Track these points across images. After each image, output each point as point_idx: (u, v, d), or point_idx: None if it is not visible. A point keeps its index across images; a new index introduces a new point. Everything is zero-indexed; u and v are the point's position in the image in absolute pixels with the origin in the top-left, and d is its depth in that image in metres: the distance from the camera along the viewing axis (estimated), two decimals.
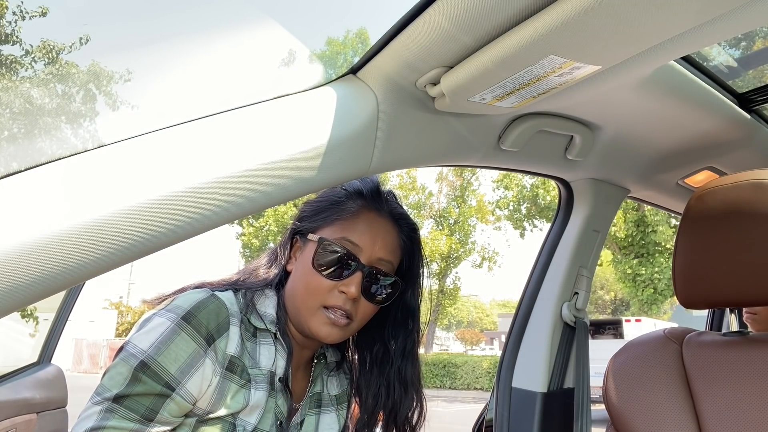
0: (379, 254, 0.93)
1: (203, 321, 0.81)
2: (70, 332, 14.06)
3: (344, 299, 0.89)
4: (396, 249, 0.96)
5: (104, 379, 0.77)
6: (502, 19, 0.68)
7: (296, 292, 0.92)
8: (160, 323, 0.80)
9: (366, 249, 0.91)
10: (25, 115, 9.75)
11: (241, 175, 0.70)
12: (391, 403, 1.00)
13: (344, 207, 0.95)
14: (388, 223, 0.96)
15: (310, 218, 0.97)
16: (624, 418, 1.03)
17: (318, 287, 0.89)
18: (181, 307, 0.81)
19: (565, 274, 1.42)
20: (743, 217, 0.97)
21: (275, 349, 0.90)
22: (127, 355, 0.77)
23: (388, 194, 1.01)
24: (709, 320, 2.24)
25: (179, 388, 0.77)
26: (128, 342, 0.79)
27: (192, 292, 0.85)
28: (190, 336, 0.79)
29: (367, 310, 0.93)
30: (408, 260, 1.01)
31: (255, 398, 0.85)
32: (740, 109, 1.17)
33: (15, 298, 0.56)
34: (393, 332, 1.02)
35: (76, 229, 0.59)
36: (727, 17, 0.68)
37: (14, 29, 10.07)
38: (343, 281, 0.89)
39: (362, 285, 0.90)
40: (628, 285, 15.40)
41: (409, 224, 1.00)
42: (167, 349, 0.77)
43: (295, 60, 12.72)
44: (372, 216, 0.95)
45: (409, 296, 1.01)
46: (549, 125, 1.08)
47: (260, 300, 0.92)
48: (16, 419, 1.82)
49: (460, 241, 19.91)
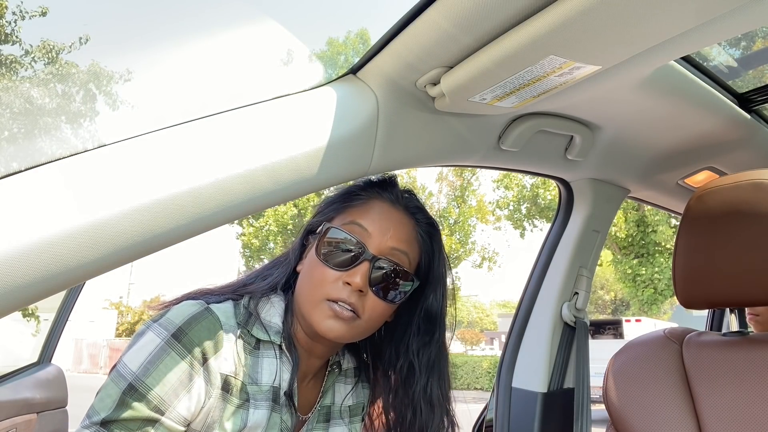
0: (391, 243, 0.84)
1: (194, 339, 0.76)
2: (70, 332, 14.05)
3: (349, 291, 0.81)
4: (412, 241, 0.88)
5: (96, 399, 0.74)
6: (502, 19, 0.68)
7: (301, 288, 0.86)
8: (150, 340, 0.75)
9: (376, 236, 0.84)
10: (25, 115, 9.75)
11: (241, 175, 0.70)
12: (417, 427, 0.91)
13: (356, 195, 0.89)
14: (402, 214, 0.89)
15: (322, 212, 0.92)
16: (624, 418, 1.03)
17: (322, 278, 0.82)
18: (172, 323, 0.76)
19: (565, 274, 1.43)
20: (743, 217, 0.97)
21: (279, 361, 0.84)
22: (117, 375, 0.74)
23: (405, 191, 0.94)
24: (709, 320, 2.24)
25: (169, 411, 0.73)
26: (120, 360, 0.76)
27: (185, 305, 0.80)
28: (180, 355, 0.75)
29: (377, 307, 0.83)
30: (428, 259, 0.91)
31: (254, 418, 0.80)
32: (740, 109, 1.17)
33: (15, 298, 0.56)
34: (417, 344, 0.92)
35: (76, 229, 0.59)
36: (727, 17, 0.68)
37: (14, 29, 10.06)
38: (349, 271, 0.81)
39: (370, 276, 0.82)
40: (628, 285, 15.39)
41: (427, 217, 0.92)
42: (156, 369, 0.73)
43: (295, 60, 12.73)
44: (385, 205, 0.88)
45: (431, 301, 0.92)
46: (549, 125, 1.08)
47: (265, 308, 0.86)
48: (17, 419, 1.82)
49: (460, 241, 19.90)
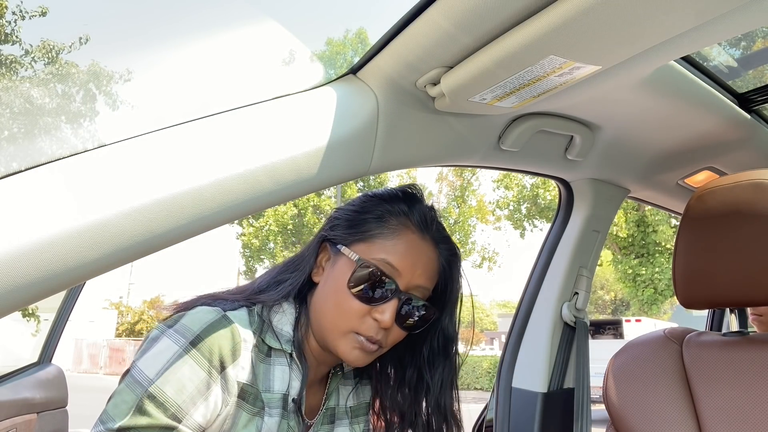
0: (418, 281, 0.86)
1: (213, 347, 0.76)
2: (70, 332, 14.05)
3: (376, 329, 0.83)
4: (434, 276, 0.90)
5: (109, 405, 0.73)
6: (502, 19, 0.68)
7: (325, 311, 0.85)
8: (167, 346, 0.74)
9: (405, 274, 0.84)
10: (25, 115, 9.74)
11: (242, 175, 0.70)
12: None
13: (386, 224, 0.87)
14: (430, 248, 0.89)
15: (344, 228, 0.89)
16: (624, 418, 1.03)
17: (350, 310, 0.83)
18: (190, 330, 0.76)
19: (565, 274, 1.42)
20: (743, 217, 0.97)
21: (290, 369, 0.84)
22: (132, 381, 0.73)
23: (432, 217, 0.93)
24: (709, 320, 2.24)
25: (186, 419, 0.73)
26: (135, 365, 0.75)
27: (202, 312, 0.79)
28: (198, 363, 0.74)
29: (398, 336, 0.87)
30: (444, 284, 0.93)
31: (268, 426, 0.80)
32: (740, 109, 1.17)
33: (15, 298, 0.56)
34: (430, 361, 0.95)
35: (76, 229, 0.59)
36: (727, 17, 0.68)
37: (14, 29, 10.06)
38: (378, 307, 0.83)
39: (397, 313, 0.84)
40: (628, 285, 15.39)
41: (450, 248, 0.93)
42: (174, 377, 0.72)
43: (295, 60, 12.73)
44: (415, 239, 0.87)
45: (446, 323, 0.94)
46: (549, 125, 1.08)
47: (276, 316, 0.86)
48: (17, 419, 1.82)
49: (460, 241, 19.90)
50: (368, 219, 0.88)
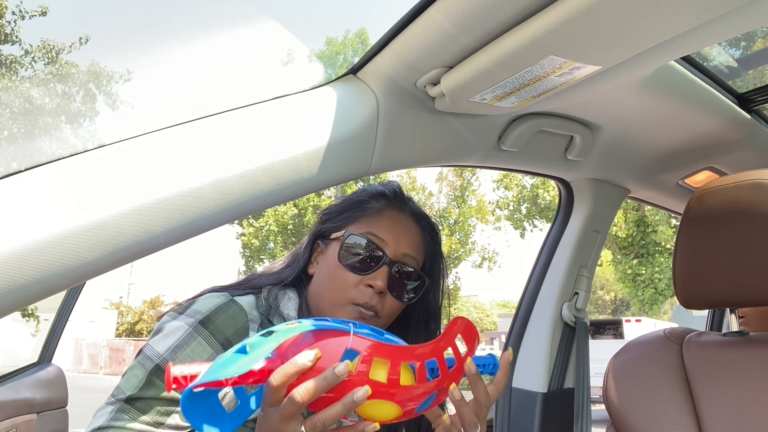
0: (404, 250, 0.92)
1: (221, 326, 0.80)
2: (70, 332, 14.07)
3: (371, 294, 0.87)
4: (419, 247, 0.96)
5: (121, 381, 0.78)
6: (502, 19, 0.68)
7: (321, 289, 0.91)
8: (177, 327, 0.79)
9: (391, 244, 0.91)
10: (25, 115, 9.74)
11: (242, 175, 0.70)
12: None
13: (368, 205, 0.95)
14: (410, 221, 0.96)
15: (332, 220, 0.96)
16: (624, 418, 1.03)
17: (344, 282, 0.88)
18: (199, 312, 0.81)
19: (565, 274, 1.42)
20: (743, 217, 0.97)
21: None
22: (143, 358, 0.78)
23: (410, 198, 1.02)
24: (709, 320, 2.24)
25: None
26: (146, 345, 0.80)
27: (211, 296, 0.85)
28: (207, 341, 0.79)
29: (393, 307, 0.91)
30: (430, 261, 0.99)
31: None
32: (740, 109, 1.17)
33: (15, 298, 0.56)
34: (416, 337, 0.99)
35: (76, 229, 0.59)
36: (727, 17, 0.68)
37: (14, 29, 10.06)
38: (370, 275, 0.88)
39: (388, 280, 0.89)
40: (628, 285, 15.38)
41: (430, 224, 1.01)
42: (183, 353, 0.77)
43: (295, 60, 12.73)
44: (395, 214, 0.95)
45: (430, 298, 1.00)
46: (549, 125, 1.08)
47: (282, 301, 0.91)
48: (17, 419, 1.82)
49: (460, 241, 19.89)
50: (352, 206, 0.96)
